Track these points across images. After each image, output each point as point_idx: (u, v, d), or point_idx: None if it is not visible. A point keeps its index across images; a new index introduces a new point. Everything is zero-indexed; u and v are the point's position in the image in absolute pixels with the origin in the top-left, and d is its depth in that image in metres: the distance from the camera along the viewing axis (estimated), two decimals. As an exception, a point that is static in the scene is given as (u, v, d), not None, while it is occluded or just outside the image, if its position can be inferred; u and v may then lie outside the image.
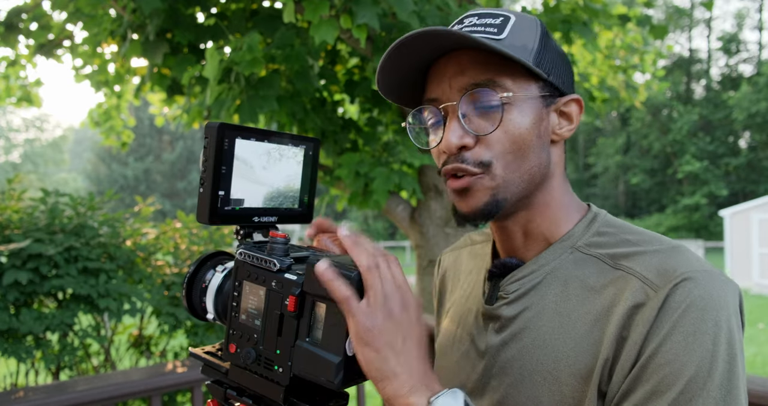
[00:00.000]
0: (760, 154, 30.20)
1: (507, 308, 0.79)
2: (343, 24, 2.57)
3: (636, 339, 0.66)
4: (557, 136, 0.78)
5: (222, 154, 0.70)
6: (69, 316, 2.83)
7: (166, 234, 3.58)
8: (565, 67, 0.78)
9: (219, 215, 0.71)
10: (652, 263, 0.71)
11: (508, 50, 0.70)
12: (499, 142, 0.72)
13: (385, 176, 3.38)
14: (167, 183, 36.89)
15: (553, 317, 0.75)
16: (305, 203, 0.81)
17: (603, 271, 0.74)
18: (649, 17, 4.17)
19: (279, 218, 0.78)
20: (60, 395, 1.83)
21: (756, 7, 35.42)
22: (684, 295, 0.66)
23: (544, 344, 0.74)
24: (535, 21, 0.76)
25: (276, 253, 0.70)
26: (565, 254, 0.77)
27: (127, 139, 5.21)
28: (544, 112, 0.75)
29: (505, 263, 0.81)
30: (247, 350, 0.70)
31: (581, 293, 0.74)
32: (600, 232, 0.78)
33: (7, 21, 3.70)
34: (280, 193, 0.78)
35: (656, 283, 0.68)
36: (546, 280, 0.77)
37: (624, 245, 0.75)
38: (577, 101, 0.78)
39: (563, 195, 0.80)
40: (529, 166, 0.74)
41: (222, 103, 2.93)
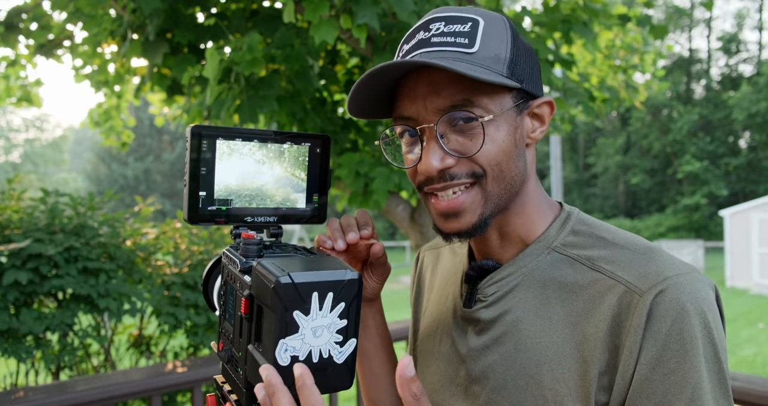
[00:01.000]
0: (760, 154, 30.19)
1: (486, 310, 0.78)
2: (343, 24, 2.58)
3: (631, 347, 0.67)
4: (531, 140, 0.77)
5: (200, 156, 0.70)
6: (69, 316, 2.83)
7: (166, 234, 3.58)
8: (535, 67, 0.76)
9: (201, 215, 0.72)
10: (632, 266, 0.71)
11: (481, 64, 0.69)
12: (485, 158, 0.72)
13: (385, 176, 3.38)
14: (167, 183, 36.89)
15: (534, 321, 0.74)
16: (315, 203, 0.79)
17: (580, 272, 0.74)
18: (649, 17, 4.17)
19: (280, 218, 0.77)
20: (60, 395, 1.83)
21: (756, 7, 35.43)
22: (673, 301, 0.66)
23: (525, 349, 0.73)
24: (503, 21, 0.74)
25: (249, 253, 0.69)
26: (543, 256, 0.77)
27: (127, 139, 5.21)
28: (518, 120, 0.75)
29: (482, 265, 0.80)
30: (226, 349, 0.71)
31: (560, 294, 0.74)
32: (575, 231, 0.78)
33: (7, 21, 3.70)
34: (277, 193, 0.76)
35: (639, 287, 0.68)
36: (524, 282, 0.76)
37: (599, 244, 0.75)
38: (549, 103, 0.77)
39: (537, 195, 0.80)
40: (510, 177, 0.74)
41: (222, 103, 2.93)
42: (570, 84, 3.82)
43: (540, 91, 0.77)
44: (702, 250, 18.99)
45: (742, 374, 1.79)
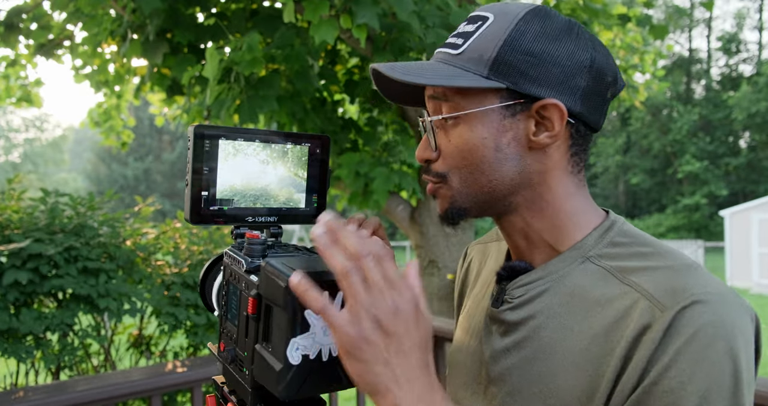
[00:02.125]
0: (760, 154, 30.20)
1: (511, 313, 0.77)
2: (343, 24, 2.58)
3: (638, 361, 0.64)
4: (536, 144, 0.72)
5: (202, 156, 0.71)
6: (69, 316, 2.83)
7: (166, 234, 3.58)
8: (550, 68, 0.71)
9: (203, 215, 0.72)
10: (661, 281, 0.67)
11: (462, 65, 0.71)
12: (451, 157, 0.74)
13: (385, 176, 3.38)
14: (167, 183, 36.90)
15: (556, 329, 0.72)
16: (314, 203, 0.79)
17: (610, 284, 0.71)
18: (649, 17, 4.17)
19: (280, 218, 0.77)
20: (60, 395, 1.83)
21: (756, 7, 35.43)
22: (692, 319, 0.62)
23: (544, 356, 0.72)
24: (514, 17, 0.71)
25: (254, 253, 0.69)
26: (575, 264, 0.74)
27: (127, 139, 5.21)
28: (507, 122, 0.72)
29: (513, 266, 0.79)
30: (228, 349, 0.71)
31: (585, 305, 0.71)
32: (614, 242, 0.74)
33: (7, 21, 3.70)
34: (279, 193, 0.77)
35: (663, 303, 0.64)
36: (552, 288, 0.75)
37: (636, 257, 0.72)
38: (555, 106, 0.70)
39: (566, 201, 0.76)
40: (487, 180, 0.73)
41: (222, 103, 2.93)
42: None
43: (549, 93, 0.71)
44: (702, 250, 18.99)
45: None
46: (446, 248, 3.75)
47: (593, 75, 0.72)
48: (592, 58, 0.72)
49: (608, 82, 0.74)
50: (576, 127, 0.74)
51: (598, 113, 0.75)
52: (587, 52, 0.72)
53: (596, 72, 0.72)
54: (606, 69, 0.73)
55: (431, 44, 2.83)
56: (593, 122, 0.74)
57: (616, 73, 0.75)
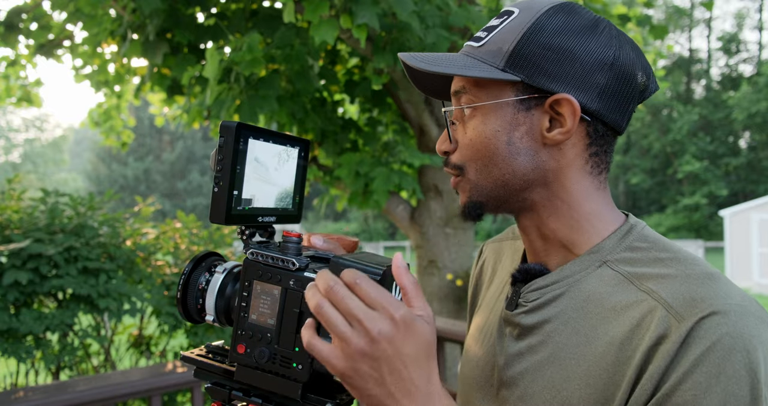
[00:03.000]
0: (760, 154, 30.20)
1: (525, 316, 0.76)
2: (343, 24, 2.58)
3: (653, 372, 0.62)
4: (548, 140, 0.71)
5: (238, 154, 0.70)
6: (69, 316, 2.83)
7: (166, 234, 3.58)
8: (570, 64, 0.69)
9: (233, 215, 0.71)
10: (679, 290, 0.65)
11: (481, 58, 0.72)
12: (467, 149, 0.75)
13: (385, 176, 3.38)
14: (167, 183, 36.91)
15: (570, 335, 0.71)
16: (296, 204, 0.82)
17: (627, 291, 0.69)
18: (649, 17, 4.17)
19: (277, 219, 0.78)
20: (60, 395, 1.83)
21: (756, 7, 35.45)
22: (710, 330, 0.60)
23: (557, 362, 0.71)
24: (537, 11, 0.71)
25: (291, 252, 0.71)
26: (592, 268, 0.73)
27: (127, 139, 5.21)
28: (521, 116, 0.71)
29: (528, 268, 0.78)
30: (260, 349, 0.70)
31: (601, 312, 0.70)
32: (632, 247, 0.72)
33: (7, 21, 3.70)
34: (286, 194, 0.79)
35: (681, 312, 0.62)
36: (568, 293, 0.73)
37: (654, 264, 0.70)
38: (567, 101, 0.69)
39: (585, 202, 0.75)
40: (500, 173, 0.73)
41: (222, 103, 2.93)
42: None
43: (564, 89, 0.69)
44: (702, 250, 19.00)
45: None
46: (446, 248, 3.74)
47: (615, 73, 0.70)
48: (615, 56, 0.70)
49: (634, 82, 0.71)
50: (594, 126, 0.72)
51: (618, 114, 0.72)
52: (610, 50, 0.70)
53: (619, 71, 0.70)
54: (632, 69, 0.71)
55: (431, 44, 2.83)
56: (613, 122, 0.72)
57: (647, 73, 0.73)
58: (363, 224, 33.92)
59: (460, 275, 3.76)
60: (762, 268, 14.36)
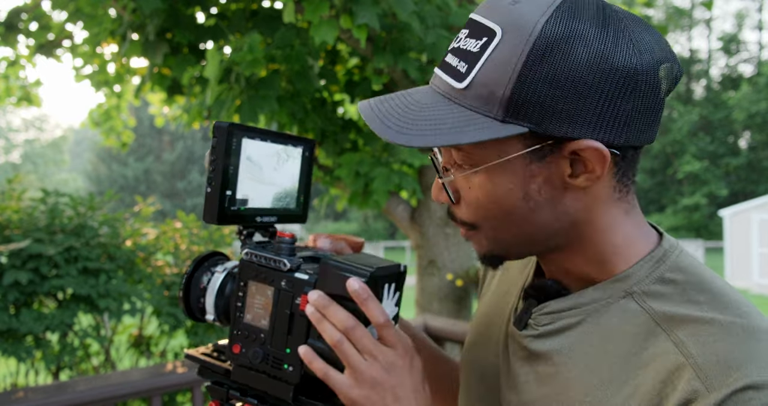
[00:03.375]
0: (760, 154, 30.21)
1: (534, 341, 0.68)
2: (343, 24, 2.58)
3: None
4: (574, 186, 0.61)
5: (230, 154, 0.70)
6: (69, 316, 2.83)
7: (166, 234, 3.58)
8: (579, 97, 0.55)
9: (226, 215, 0.72)
10: (713, 349, 0.55)
11: (470, 105, 0.58)
12: (479, 208, 0.64)
13: (385, 176, 3.38)
14: (167, 183, 36.91)
15: (583, 374, 0.63)
16: (301, 203, 0.82)
17: (655, 337, 0.60)
18: (649, 17, 4.17)
19: (279, 218, 0.78)
20: (60, 395, 1.83)
21: (756, 7, 35.45)
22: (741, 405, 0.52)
23: (567, 402, 0.63)
24: (528, 34, 0.55)
25: (284, 252, 0.71)
26: (615, 298, 0.64)
27: (127, 139, 5.21)
28: (534, 168, 0.60)
29: (544, 286, 0.69)
30: (254, 349, 0.70)
31: (624, 355, 0.61)
32: (664, 279, 0.63)
33: (7, 21, 3.70)
34: (286, 194, 0.79)
35: (711, 381, 0.53)
36: (585, 323, 0.65)
37: (689, 305, 0.60)
38: (595, 150, 0.57)
39: (613, 234, 0.65)
40: (521, 231, 0.64)
41: (222, 104, 2.93)
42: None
43: (584, 132, 0.57)
44: (702, 250, 19.00)
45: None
46: (446, 248, 3.74)
47: (642, 90, 0.57)
48: (638, 66, 0.56)
49: (660, 83, 0.58)
50: (622, 154, 0.61)
51: (651, 129, 0.60)
52: (632, 59, 0.56)
53: (645, 83, 0.57)
54: (656, 67, 0.57)
55: (431, 44, 2.83)
56: (644, 140, 0.61)
57: (669, 57, 0.59)
58: (363, 224, 33.91)
59: (460, 275, 3.76)
60: (762, 268, 14.36)
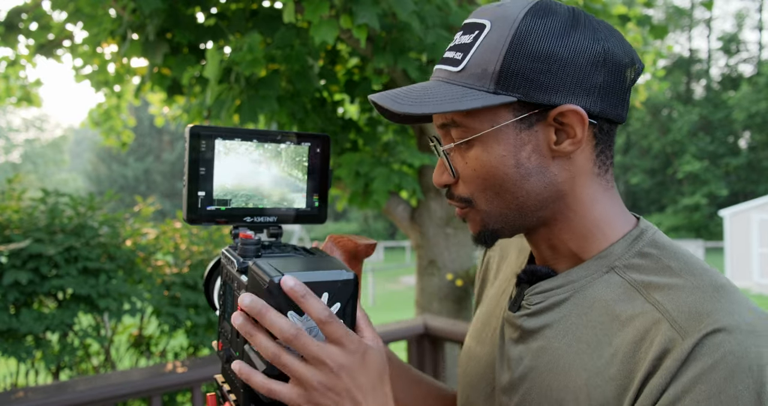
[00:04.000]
0: (760, 154, 30.21)
1: (527, 319, 0.74)
2: (343, 24, 2.58)
3: (653, 389, 0.60)
4: (559, 153, 0.68)
5: (198, 156, 0.71)
6: (69, 316, 2.83)
7: (166, 234, 3.58)
8: (561, 73, 0.66)
9: (201, 215, 0.72)
10: (685, 302, 0.62)
11: (465, 83, 0.67)
12: (472, 181, 0.70)
13: (385, 176, 3.38)
14: (167, 183, 36.91)
15: (572, 343, 0.69)
16: (315, 204, 0.78)
17: (633, 300, 0.66)
18: (649, 17, 4.17)
19: (279, 218, 0.77)
20: (60, 395, 1.83)
21: (756, 7, 35.44)
22: (713, 348, 0.58)
23: (557, 370, 0.69)
24: (512, 22, 0.66)
25: (247, 253, 0.69)
26: (599, 273, 0.70)
27: (127, 139, 5.21)
28: (524, 135, 0.67)
29: (534, 270, 0.76)
30: (226, 348, 0.71)
31: (605, 320, 0.68)
32: (642, 253, 0.70)
33: (7, 21, 3.70)
34: (277, 193, 0.76)
35: (684, 328, 0.60)
36: (572, 298, 0.71)
37: (664, 273, 0.67)
38: (574, 112, 0.66)
39: (593, 209, 0.72)
40: (513, 198, 0.69)
41: (222, 103, 2.93)
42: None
43: (565, 99, 0.66)
44: (702, 250, 19.00)
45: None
46: (446, 248, 3.75)
47: (609, 68, 0.66)
48: (605, 49, 0.66)
49: (626, 69, 0.68)
50: (599, 126, 0.69)
51: (620, 106, 0.69)
52: (599, 44, 0.66)
53: (612, 63, 0.66)
54: (622, 55, 0.67)
55: (431, 44, 2.83)
56: (616, 116, 0.69)
57: (632, 55, 0.69)
58: (363, 224, 33.90)
59: (460, 275, 3.76)
60: (762, 268, 14.37)
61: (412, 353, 2.61)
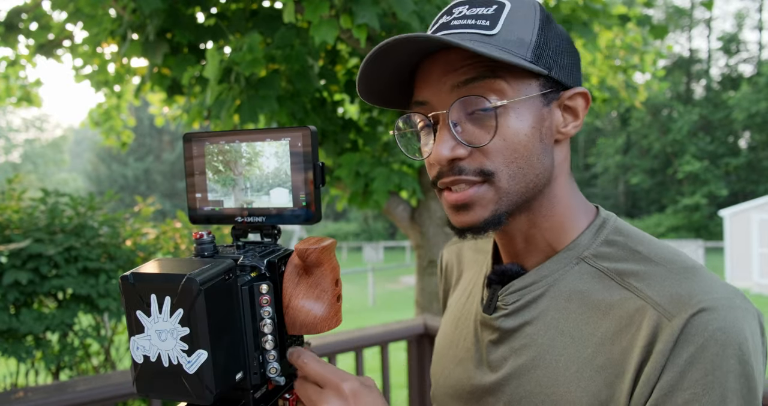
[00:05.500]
0: (760, 154, 30.20)
1: (505, 320, 0.73)
2: (343, 24, 2.58)
3: (650, 373, 0.61)
4: (562, 135, 0.70)
5: (192, 161, 0.75)
6: (69, 316, 2.83)
7: (166, 234, 3.58)
8: (569, 57, 0.70)
9: (199, 216, 0.76)
10: (663, 286, 0.64)
11: (502, 47, 0.64)
12: (500, 153, 0.66)
13: (385, 176, 3.38)
14: (167, 183, 36.91)
15: (555, 336, 0.70)
16: (302, 202, 0.72)
17: (609, 288, 0.68)
18: (649, 17, 4.17)
19: (268, 218, 0.74)
20: (60, 395, 1.83)
21: (756, 7, 35.43)
22: (701, 327, 0.60)
23: (544, 365, 0.69)
24: (533, 6, 0.68)
25: (200, 253, 0.69)
26: (570, 265, 0.71)
27: (127, 139, 5.21)
28: (545, 111, 0.68)
29: (505, 270, 0.75)
30: None
31: (585, 311, 0.68)
32: (608, 241, 0.71)
33: (7, 21, 3.70)
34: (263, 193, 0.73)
35: (670, 311, 0.62)
36: (548, 293, 0.71)
37: (633, 258, 0.69)
38: (583, 95, 0.70)
39: (569, 198, 0.73)
40: (534, 175, 0.68)
41: (222, 103, 2.93)
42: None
43: (575, 82, 0.70)
44: (702, 250, 19.00)
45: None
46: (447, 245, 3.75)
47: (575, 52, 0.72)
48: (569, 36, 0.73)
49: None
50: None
51: None
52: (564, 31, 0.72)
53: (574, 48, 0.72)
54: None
55: (431, 44, 2.83)
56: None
57: None
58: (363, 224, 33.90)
59: (460, 275, 3.76)
60: (762, 268, 14.36)
61: (412, 353, 2.61)
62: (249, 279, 0.67)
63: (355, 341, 2.39)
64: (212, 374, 0.60)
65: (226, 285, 0.63)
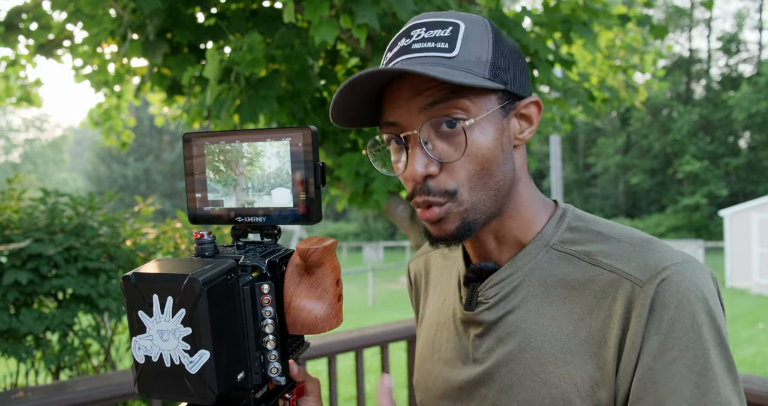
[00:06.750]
0: (760, 154, 30.20)
1: (488, 312, 0.78)
2: (343, 24, 2.58)
3: (633, 339, 0.67)
4: (519, 141, 0.76)
5: (192, 161, 0.75)
6: (69, 316, 2.83)
7: (166, 234, 3.58)
8: (520, 68, 0.76)
9: (199, 216, 0.76)
10: (630, 258, 0.71)
11: (463, 67, 0.69)
12: (463, 168, 0.71)
13: (385, 176, 3.38)
14: (167, 183, 36.92)
15: (537, 319, 0.74)
16: (300, 202, 0.72)
17: (580, 268, 0.74)
18: (649, 17, 4.17)
19: (269, 218, 0.74)
20: (60, 395, 1.83)
21: (756, 7, 35.43)
22: (673, 290, 0.66)
23: (530, 348, 0.74)
24: (484, 23, 0.74)
25: (200, 253, 0.69)
26: (541, 254, 0.77)
27: (127, 139, 5.21)
28: (504, 122, 0.74)
29: (481, 267, 0.80)
30: None
31: (562, 292, 0.74)
32: (571, 227, 0.78)
33: (7, 21, 3.70)
34: (263, 192, 0.73)
35: (640, 278, 0.68)
36: (525, 281, 0.76)
37: (596, 239, 0.75)
38: (536, 103, 0.76)
39: (530, 196, 0.79)
40: (495, 182, 0.73)
41: (222, 103, 2.93)
42: (570, 84, 3.82)
43: (527, 91, 0.77)
44: (702, 250, 19.00)
45: (742, 374, 1.79)
46: (446, 248, 3.75)
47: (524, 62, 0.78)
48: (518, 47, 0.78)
49: None
50: None
51: None
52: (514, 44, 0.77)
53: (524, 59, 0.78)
54: None
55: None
56: None
57: None
58: (363, 224, 33.91)
59: (460, 275, 3.76)
60: (762, 268, 14.36)
61: (412, 353, 2.61)
62: (250, 279, 0.67)
63: (355, 341, 2.39)
64: (214, 374, 0.60)
65: (227, 285, 0.62)
